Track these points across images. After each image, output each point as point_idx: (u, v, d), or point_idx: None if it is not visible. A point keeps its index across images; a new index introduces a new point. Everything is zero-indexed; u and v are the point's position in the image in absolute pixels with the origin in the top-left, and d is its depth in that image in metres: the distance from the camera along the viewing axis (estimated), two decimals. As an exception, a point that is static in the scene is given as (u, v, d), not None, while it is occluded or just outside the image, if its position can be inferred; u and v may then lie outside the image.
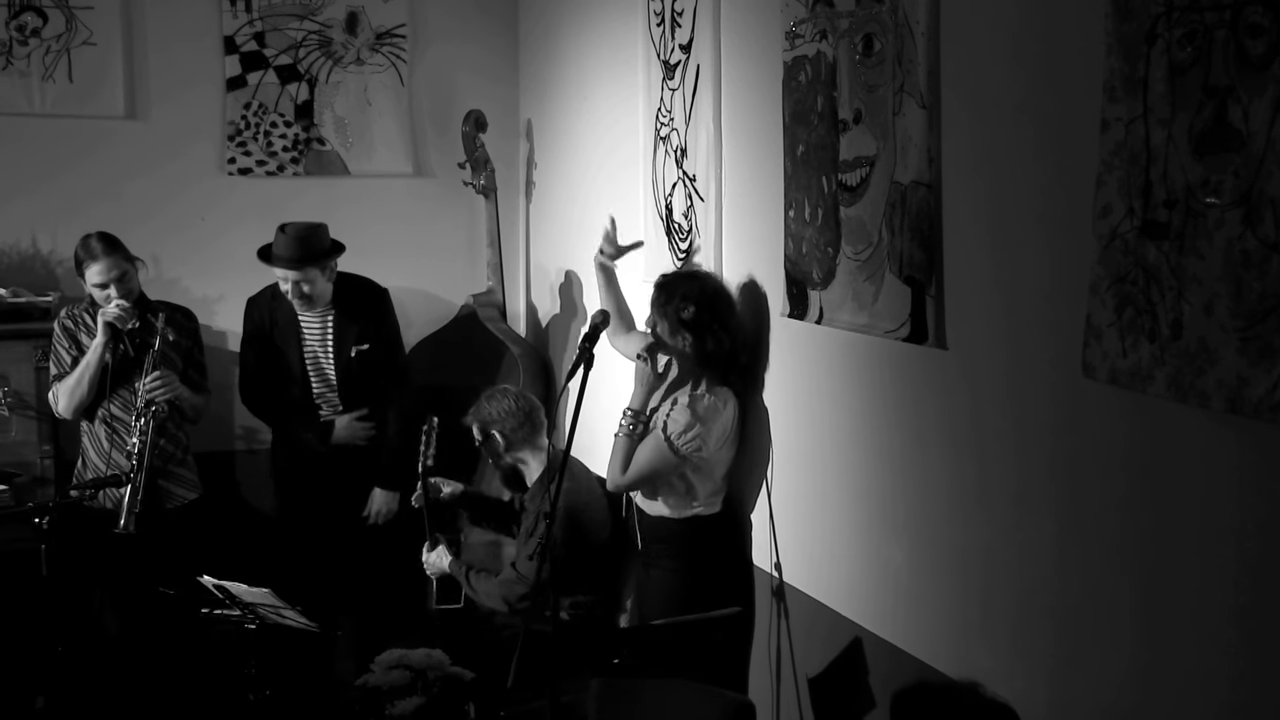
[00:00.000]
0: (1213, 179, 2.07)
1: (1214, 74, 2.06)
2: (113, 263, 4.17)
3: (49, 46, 5.08)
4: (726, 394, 3.53)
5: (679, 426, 3.48)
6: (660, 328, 3.53)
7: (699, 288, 3.52)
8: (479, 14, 5.57)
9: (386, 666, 3.62)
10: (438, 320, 5.36)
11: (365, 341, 4.58)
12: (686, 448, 3.48)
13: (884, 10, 2.93)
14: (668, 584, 3.60)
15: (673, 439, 3.48)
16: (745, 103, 3.67)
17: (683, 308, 3.47)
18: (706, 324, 3.46)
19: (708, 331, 3.46)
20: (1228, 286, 2.05)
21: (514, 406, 4.03)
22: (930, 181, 2.81)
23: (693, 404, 3.50)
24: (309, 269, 4.45)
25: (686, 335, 3.48)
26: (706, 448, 3.50)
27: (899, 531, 3.04)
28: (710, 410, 3.49)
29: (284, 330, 4.57)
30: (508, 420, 4.01)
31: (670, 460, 3.50)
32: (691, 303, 3.46)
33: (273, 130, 5.35)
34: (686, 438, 3.48)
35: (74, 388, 4.22)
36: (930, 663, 2.91)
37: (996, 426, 2.69)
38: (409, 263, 5.28)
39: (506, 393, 4.10)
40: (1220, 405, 2.07)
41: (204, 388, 4.42)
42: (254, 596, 3.55)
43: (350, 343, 4.57)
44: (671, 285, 3.55)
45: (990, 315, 2.69)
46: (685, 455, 3.49)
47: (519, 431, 4.02)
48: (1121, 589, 2.36)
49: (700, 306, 3.47)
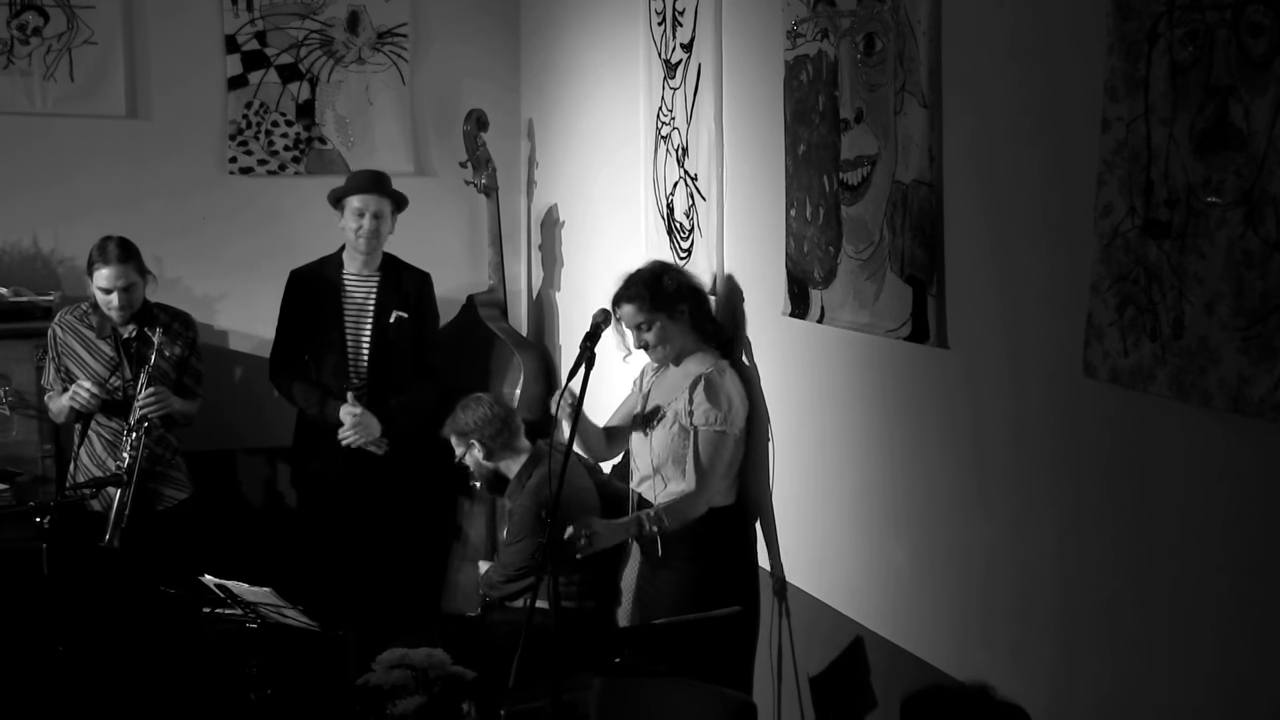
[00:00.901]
0: (1214, 178, 2.07)
1: (1215, 73, 2.06)
2: (123, 271, 4.21)
3: (50, 46, 5.08)
4: (722, 364, 3.60)
5: (716, 413, 3.51)
6: (658, 321, 3.59)
7: (655, 267, 3.69)
8: (480, 13, 5.57)
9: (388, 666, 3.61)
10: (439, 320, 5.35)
11: (406, 309, 4.67)
12: (734, 426, 3.54)
13: (885, 9, 2.93)
14: (678, 583, 3.57)
15: (717, 426, 3.52)
16: (747, 102, 3.67)
17: (668, 285, 3.60)
18: (689, 291, 3.61)
19: (693, 291, 3.61)
20: (1229, 286, 2.04)
21: (490, 413, 4.04)
22: (932, 181, 2.81)
23: (706, 387, 3.53)
24: (384, 200, 4.62)
25: (683, 306, 3.59)
26: (740, 416, 3.56)
27: (900, 530, 3.04)
28: (721, 384, 3.55)
29: (325, 294, 4.63)
30: (485, 428, 4.02)
31: (732, 443, 3.55)
32: (669, 277, 3.63)
33: (274, 129, 5.35)
34: (730, 416, 3.53)
35: (56, 414, 4.38)
36: (931, 662, 2.91)
37: (998, 426, 2.69)
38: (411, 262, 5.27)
39: (481, 400, 4.10)
40: (1222, 404, 2.07)
41: (197, 394, 4.45)
42: (256, 596, 3.56)
43: (392, 307, 4.64)
44: (633, 285, 3.63)
45: (991, 314, 2.69)
46: (737, 434, 3.56)
47: (498, 438, 4.02)
48: (1122, 588, 2.36)
49: (672, 277, 3.63)
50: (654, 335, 3.61)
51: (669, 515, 3.51)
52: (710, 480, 3.54)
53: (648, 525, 3.50)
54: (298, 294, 4.68)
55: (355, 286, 4.66)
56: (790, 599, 3.53)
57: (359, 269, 4.65)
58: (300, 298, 4.67)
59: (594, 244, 4.85)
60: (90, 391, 4.19)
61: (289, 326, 4.68)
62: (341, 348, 4.60)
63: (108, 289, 4.20)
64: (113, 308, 4.22)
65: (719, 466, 3.55)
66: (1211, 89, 2.07)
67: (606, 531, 3.48)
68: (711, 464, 3.53)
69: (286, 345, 4.67)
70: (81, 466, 4.32)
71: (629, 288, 3.63)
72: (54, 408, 4.35)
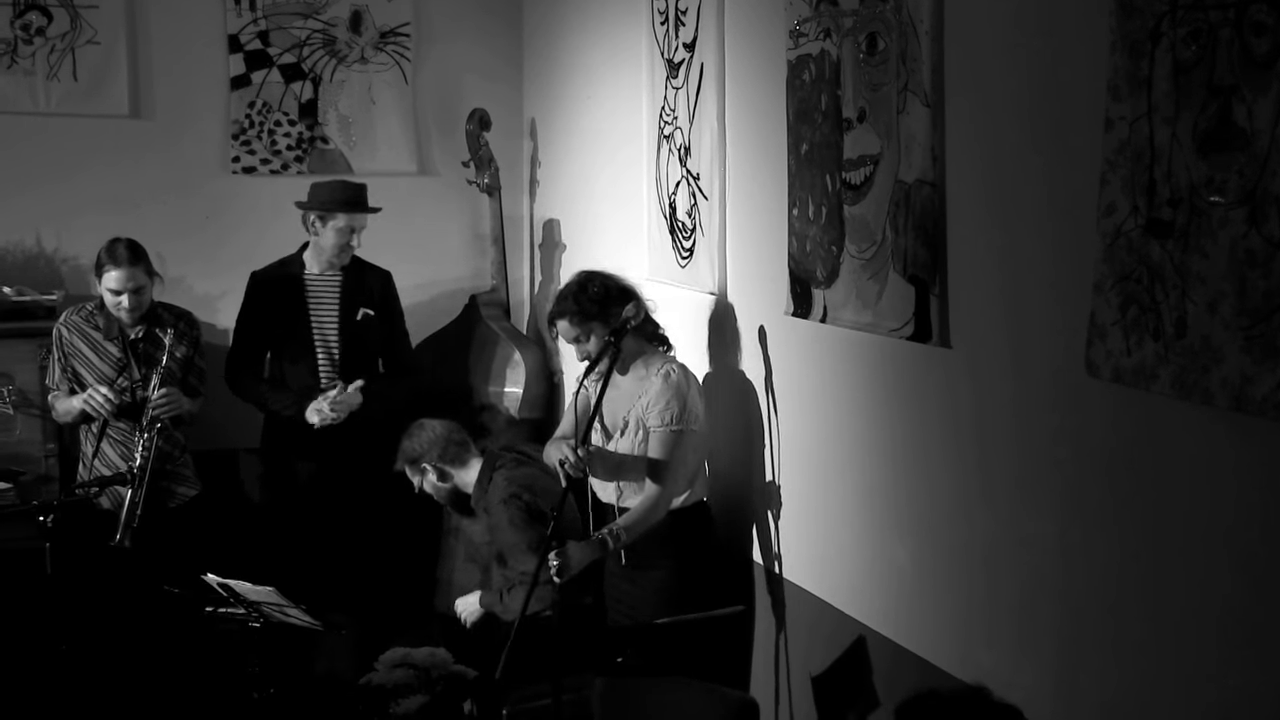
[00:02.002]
0: (1217, 178, 2.07)
1: (1218, 73, 2.06)
2: (133, 274, 4.22)
3: (54, 45, 5.08)
4: (668, 360, 3.59)
5: (672, 410, 3.49)
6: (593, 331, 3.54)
7: (580, 277, 3.64)
8: (483, 13, 5.57)
9: (390, 665, 3.62)
10: (441, 319, 5.35)
11: (371, 308, 4.68)
12: (695, 422, 3.52)
13: (888, 9, 2.93)
14: (661, 583, 3.56)
15: (674, 424, 3.50)
16: (749, 101, 3.67)
17: (593, 293, 3.55)
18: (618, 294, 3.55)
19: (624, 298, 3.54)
20: (1232, 285, 2.04)
21: (434, 434, 4.05)
22: (934, 180, 2.81)
23: (662, 385, 3.51)
24: (366, 215, 4.66)
25: (615, 309, 3.51)
26: (697, 413, 3.55)
27: (903, 529, 3.04)
28: (674, 381, 3.52)
29: (289, 295, 4.64)
30: (432, 450, 4.03)
31: (692, 440, 3.53)
32: (594, 285, 3.57)
33: (277, 129, 5.35)
34: (685, 414, 3.50)
35: (63, 414, 4.36)
36: (934, 661, 2.91)
37: (1000, 425, 2.69)
38: (413, 261, 5.27)
39: (422, 424, 4.10)
40: (1224, 403, 2.07)
41: (200, 392, 4.46)
42: (258, 595, 3.56)
43: (359, 304, 4.66)
44: (561, 300, 3.61)
45: (994, 314, 2.69)
46: (699, 429, 3.54)
47: (446, 455, 4.03)
48: (1125, 587, 2.36)
49: (597, 283, 3.57)
50: (593, 345, 3.56)
51: (629, 529, 3.49)
52: (671, 480, 3.52)
53: (612, 544, 3.48)
54: (261, 295, 4.68)
55: (319, 286, 4.67)
56: (792, 598, 3.53)
57: (322, 269, 4.65)
58: (264, 299, 4.67)
59: (596, 244, 4.85)
60: (106, 398, 4.20)
61: (250, 328, 4.68)
62: (310, 346, 4.62)
63: (117, 291, 4.21)
64: (122, 309, 4.23)
65: (677, 466, 3.52)
66: (1214, 88, 2.07)
67: (577, 554, 3.45)
68: (670, 464, 3.51)
69: (247, 347, 4.67)
70: (91, 467, 4.33)
71: (557, 304, 3.62)
72: (61, 408, 4.35)
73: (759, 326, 3.62)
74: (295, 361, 4.62)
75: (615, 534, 3.48)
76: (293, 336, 4.62)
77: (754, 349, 3.65)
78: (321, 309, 4.65)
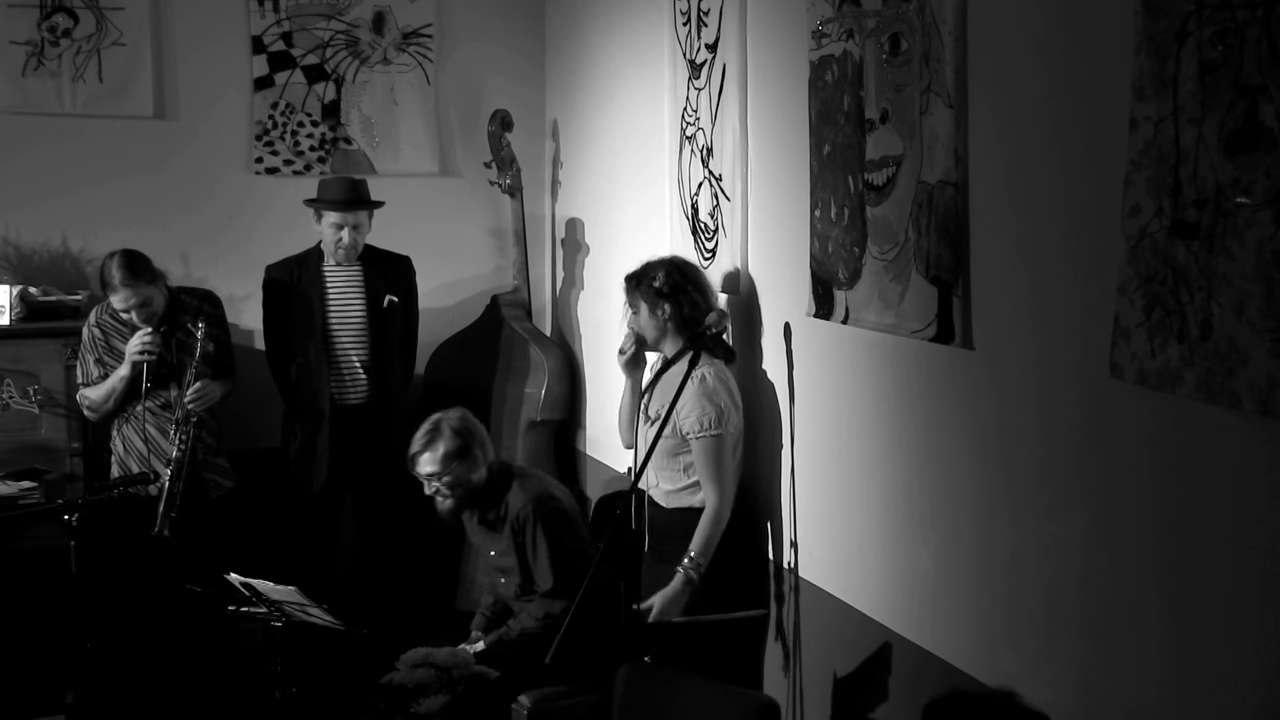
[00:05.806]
0: (1243, 178, 2.05)
1: (1245, 72, 2.04)
2: (133, 291, 4.28)
3: (79, 47, 5.12)
4: (717, 364, 3.61)
5: (708, 415, 3.51)
6: (641, 312, 3.64)
7: (664, 261, 3.71)
8: (505, 14, 5.59)
9: (412, 665, 3.63)
10: (463, 319, 5.37)
11: (396, 294, 4.78)
12: (730, 424, 3.54)
13: (911, 9, 2.92)
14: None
15: (712, 429, 3.51)
16: (771, 102, 3.66)
17: (654, 278, 3.63)
18: (680, 286, 3.61)
19: (683, 294, 3.60)
20: (1259, 287, 2.03)
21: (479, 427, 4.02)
22: (957, 181, 2.80)
23: (696, 391, 3.52)
24: (360, 213, 4.71)
25: (665, 306, 3.60)
26: (733, 416, 3.57)
27: (926, 532, 3.03)
28: (708, 386, 3.53)
29: (308, 285, 4.72)
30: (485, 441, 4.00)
31: (729, 444, 3.55)
32: (661, 270, 3.64)
33: (300, 130, 5.38)
34: (721, 418, 3.52)
35: (101, 402, 4.41)
36: (958, 665, 2.90)
37: (1023, 427, 2.68)
38: (435, 262, 5.29)
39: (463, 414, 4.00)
40: (1251, 407, 2.05)
41: (232, 369, 4.56)
42: (280, 594, 3.57)
43: (384, 292, 4.75)
44: (639, 272, 3.70)
45: (1017, 315, 2.68)
46: (735, 431, 3.57)
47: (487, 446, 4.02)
48: (1150, 591, 2.35)
49: (669, 273, 3.64)
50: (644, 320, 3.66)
51: (704, 551, 3.50)
52: (722, 487, 3.54)
53: (695, 576, 3.48)
54: (279, 291, 4.76)
55: (341, 277, 4.76)
56: (815, 601, 3.52)
57: (338, 261, 4.75)
58: (283, 294, 4.75)
59: (618, 244, 4.85)
60: (145, 343, 4.25)
61: (279, 323, 4.77)
62: (326, 339, 4.69)
63: (124, 309, 4.29)
64: (138, 321, 4.30)
65: (726, 473, 3.54)
66: (1241, 88, 2.05)
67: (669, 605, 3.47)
68: (720, 471, 3.53)
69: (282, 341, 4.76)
70: (123, 464, 4.40)
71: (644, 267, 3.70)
72: (97, 395, 4.39)
73: (782, 326, 3.62)
74: (326, 349, 4.69)
75: (695, 564, 3.49)
76: (321, 326, 4.70)
77: (776, 350, 3.64)
78: (346, 298, 4.73)
